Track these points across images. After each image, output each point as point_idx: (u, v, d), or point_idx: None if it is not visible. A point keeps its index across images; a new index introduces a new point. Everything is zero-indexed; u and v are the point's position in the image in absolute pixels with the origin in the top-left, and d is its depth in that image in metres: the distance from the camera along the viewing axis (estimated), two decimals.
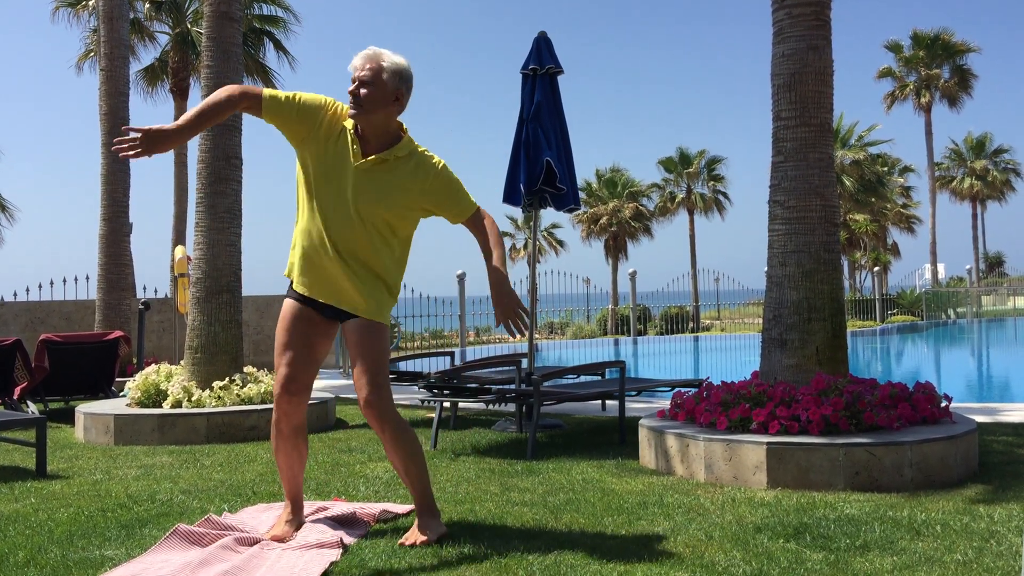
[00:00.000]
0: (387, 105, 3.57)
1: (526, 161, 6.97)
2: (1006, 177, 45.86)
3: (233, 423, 6.70)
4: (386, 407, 3.58)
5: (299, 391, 3.71)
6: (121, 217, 11.28)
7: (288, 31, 22.38)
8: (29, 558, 3.43)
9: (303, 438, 3.79)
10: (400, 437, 3.60)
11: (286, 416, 3.72)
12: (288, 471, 3.81)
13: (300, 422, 3.76)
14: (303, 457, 3.82)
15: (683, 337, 22.89)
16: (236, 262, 7.55)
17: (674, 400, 5.44)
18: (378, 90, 3.54)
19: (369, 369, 3.56)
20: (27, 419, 5.74)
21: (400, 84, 3.58)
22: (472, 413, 7.87)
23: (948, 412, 5.10)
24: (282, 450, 3.77)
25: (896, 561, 3.24)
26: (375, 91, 3.54)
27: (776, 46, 5.53)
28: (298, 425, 3.76)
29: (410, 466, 3.64)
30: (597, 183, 33.07)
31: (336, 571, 3.24)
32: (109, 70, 11.34)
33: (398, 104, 3.60)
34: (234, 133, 7.60)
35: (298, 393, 3.70)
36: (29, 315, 12.41)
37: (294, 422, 3.74)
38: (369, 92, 3.54)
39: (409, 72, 3.63)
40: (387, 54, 3.60)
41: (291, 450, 3.77)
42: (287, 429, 3.74)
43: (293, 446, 3.77)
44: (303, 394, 3.72)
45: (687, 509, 4.09)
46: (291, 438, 3.76)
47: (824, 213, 5.37)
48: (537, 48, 7.12)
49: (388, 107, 3.57)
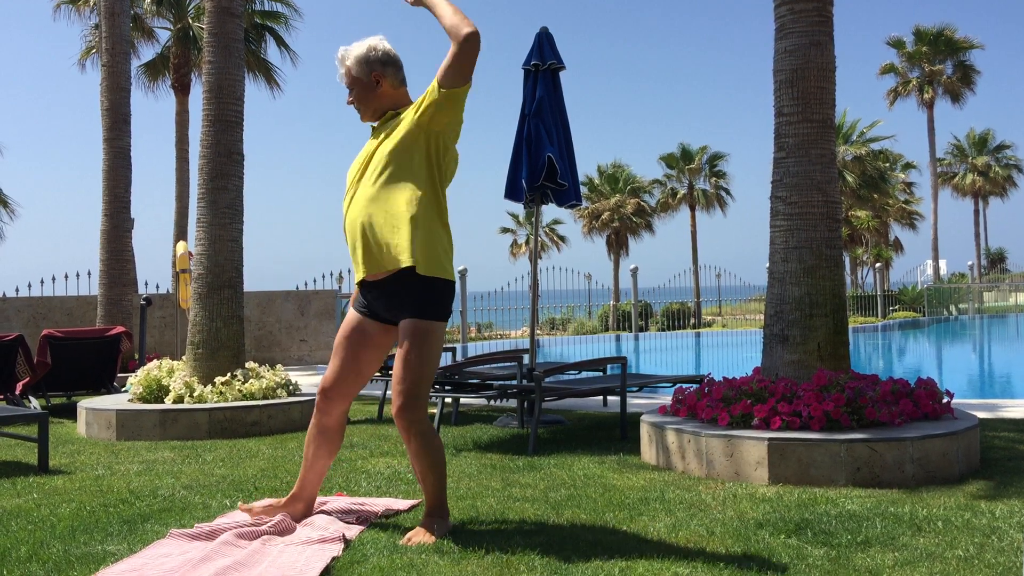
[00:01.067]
0: (374, 92, 3.60)
1: (528, 157, 6.96)
2: (1008, 173, 45.84)
3: (235, 419, 6.71)
4: (416, 418, 3.52)
5: (334, 397, 3.74)
6: (123, 213, 11.29)
7: (290, 27, 22.38)
8: (31, 553, 3.44)
9: (329, 442, 3.81)
10: (425, 448, 3.56)
11: (318, 417, 3.77)
12: (305, 461, 3.85)
13: (329, 426, 3.78)
14: (323, 460, 3.83)
15: (684, 333, 22.88)
16: (238, 258, 7.55)
17: (675, 396, 5.44)
18: (358, 88, 3.61)
19: (407, 377, 3.49)
20: (29, 414, 5.75)
21: (372, 67, 3.60)
22: (474, 409, 7.87)
23: (950, 408, 5.10)
24: (309, 444, 3.83)
25: (897, 557, 3.24)
26: (358, 90, 3.61)
27: (778, 42, 5.52)
28: (327, 428, 3.78)
29: (429, 474, 3.60)
30: (599, 179, 33.06)
31: (338, 566, 3.24)
32: (110, 66, 11.34)
33: (384, 85, 3.61)
34: (235, 129, 7.60)
35: (332, 400, 3.74)
36: (31, 311, 12.42)
37: (322, 424, 3.77)
38: (355, 95, 3.62)
39: (375, 52, 3.60)
40: (350, 49, 3.62)
41: (314, 448, 3.81)
42: (315, 429, 3.80)
43: (316, 445, 3.81)
44: (338, 401, 3.75)
45: (688, 505, 4.09)
46: (317, 437, 3.80)
47: (826, 209, 5.37)
48: (539, 44, 7.11)
49: (376, 93, 3.61)
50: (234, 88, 7.60)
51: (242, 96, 7.69)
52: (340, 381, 3.71)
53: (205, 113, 7.58)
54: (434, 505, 3.64)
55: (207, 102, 7.58)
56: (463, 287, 17.37)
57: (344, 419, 3.83)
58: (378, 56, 3.60)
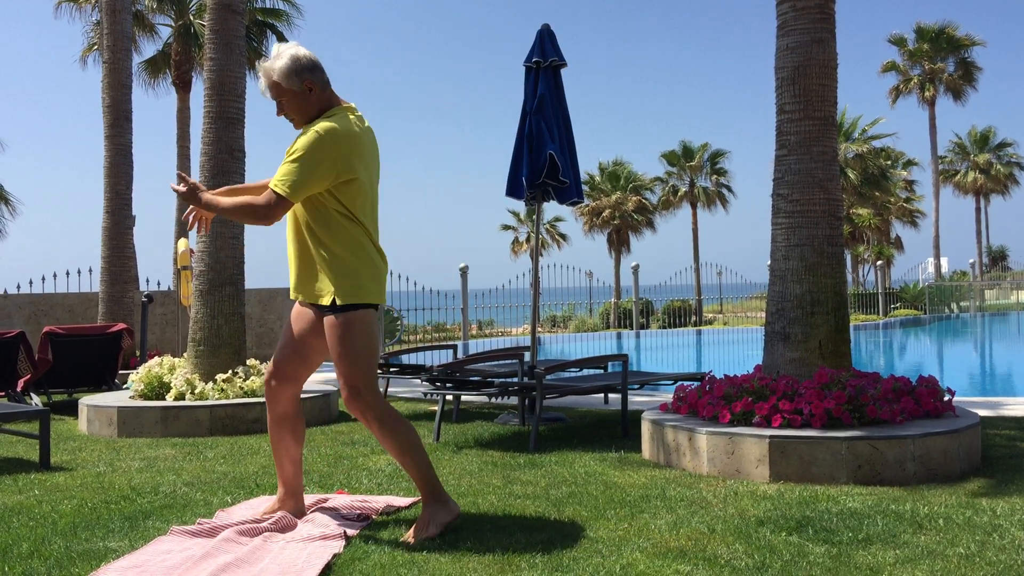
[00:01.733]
0: (308, 100, 3.62)
1: (529, 154, 6.95)
2: (1010, 171, 45.79)
3: (236, 416, 6.72)
4: (366, 404, 3.57)
5: (280, 379, 3.79)
6: (124, 210, 11.29)
7: (291, 24, 22.39)
8: (33, 549, 3.44)
9: (289, 430, 3.85)
10: (388, 431, 3.60)
11: (269, 403, 3.84)
12: (276, 458, 3.89)
13: (283, 412, 3.83)
14: (290, 448, 3.86)
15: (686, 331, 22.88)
16: (239, 255, 7.56)
17: (677, 393, 5.44)
18: (288, 98, 3.62)
19: (342, 370, 3.58)
20: (31, 411, 5.76)
21: (301, 76, 3.59)
22: (475, 406, 7.87)
23: (951, 406, 5.10)
24: (271, 437, 3.89)
25: (898, 555, 3.24)
26: (287, 100, 3.63)
27: (780, 39, 5.52)
28: (281, 415, 3.83)
29: (407, 459, 3.63)
30: (600, 176, 33.03)
31: (339, 563, 3.24)
32: (112, 62, 11.34)
33: (315, 92, 3.61)
34: (237, 126, 7.60)
35: (279, 381, 3.79)
36: (32, 307, 12.43)
37: (277, 411, 3.83)
38: (284, 105, 3.64)
39: (298, 60, 3.60)
40: (274, 62, 3.62)
41: (276, 439, 3.86)
42: (272, 417, 3.85)
43: (278, 435, 3.85)
44: (285, 384, 3.79)
45: (689, 502, 4.09)
46: (275, 426, 3.85)
47: (827, 207, 5.36)
48: (540, 41, 7.10)
49: (307, 100, 3.62)
50: (235, 85, 7.60)
51: (243, 93, 7.69)
52: (285, 364, 3.78)
53: (206, 110, 7.59)
54: (427, 494, 3.64)
55: (208, 99, 7.58)
56: (464, 284, 17.37)
57: (297, 403, 3.85)
58: (305, 64, 3.61)
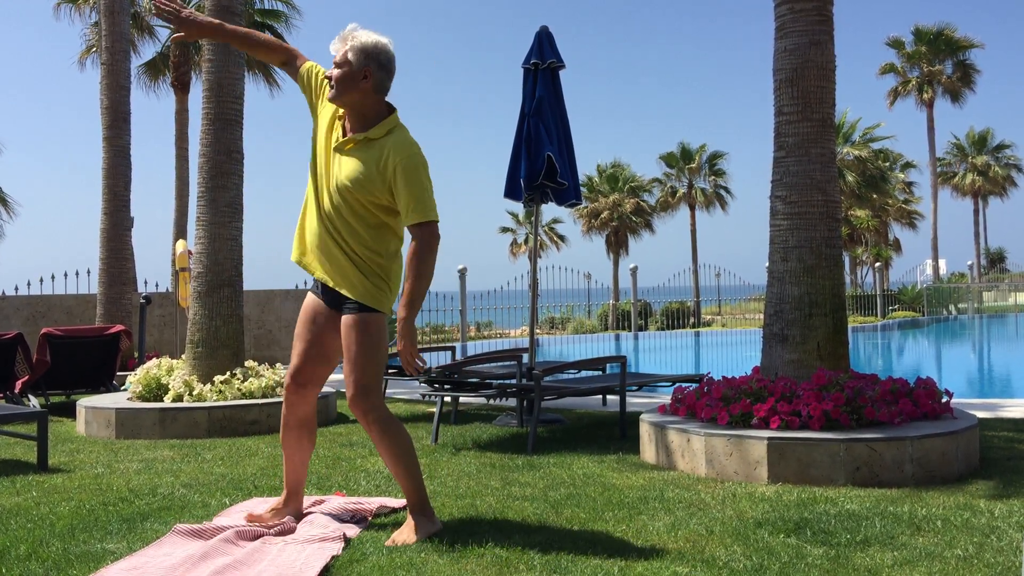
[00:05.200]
0: (356, 84, 3.54)
1: (527, 156, 6.96)
2: (1008, 173, 45.82)
3: (234, 417, 6.71)
4: (370, 406, 3.55)
5: (305, 383, 3.74)
6: (122, 211, 11.28)
7: (289, 25, 22.36)
8: (31, 551, 3.44)
9: (308, 431, 3.82)
10: (386, 436, 3.58)
11: (291, 407, 3.76)
12: (289, 462, 3.84)
13: (305, 415, 3.79)
14: (306, 450, 3.84)
15: (684, 332, 22.88)
16: (237, 256, 7.55)
17: (675, 395, 5.44)
18: (347, 70, 3.54)
19: (354, 369, 3.54)
20: (28, 413, 5.75)
21: (367, 62, 3.53)
22: (473, 408, 7.87)
23: (949, 408, 5.10)
24: (286, 440, 3.82)
25: (896, 556, 3.24)
26: (344, 72, 3.54)
27: (778, 41, 5.52)
28: (303, 418, 3.78)
29: (396, 465, 3.61)
30: (598, 178, 33.00)
31: (337, 565, 3.24)
32: (110, 64, 11.33)
33: (368, 82, 3.54)
34: (235, 127, 7.60)
35: (304, 385, 3.74)
36: (30, 309, 12.41)
37: (299, 414, 3.77)
38: (339, 73, 3.55)
39: (378, 49, 3.55)
40: (359, 33, 3.58)
41: (294, 441, 3.80)
42: (292, 420, 3.78)
43: (297, 438, 3.80)
44: (309, 387, 3.75)
45: (688, 504, 4.09)
46: (295, 429, 3.79)
47: (826, 208, 5.37)
48: (539, 42, 7.11)
49: (358, 86, 3.54)
50: (234, 87, 7.59)
51: (242, 95, 7.69)
52: (309, 365, 3.72)
53: (205, 112, 7.58)
54: (414, 503, 3.63)
55: (207, 100, 7.58)
56: (463, 286, 17.36)
57: (315, 405, 3.83)
58: (377, 55, 3.56)
